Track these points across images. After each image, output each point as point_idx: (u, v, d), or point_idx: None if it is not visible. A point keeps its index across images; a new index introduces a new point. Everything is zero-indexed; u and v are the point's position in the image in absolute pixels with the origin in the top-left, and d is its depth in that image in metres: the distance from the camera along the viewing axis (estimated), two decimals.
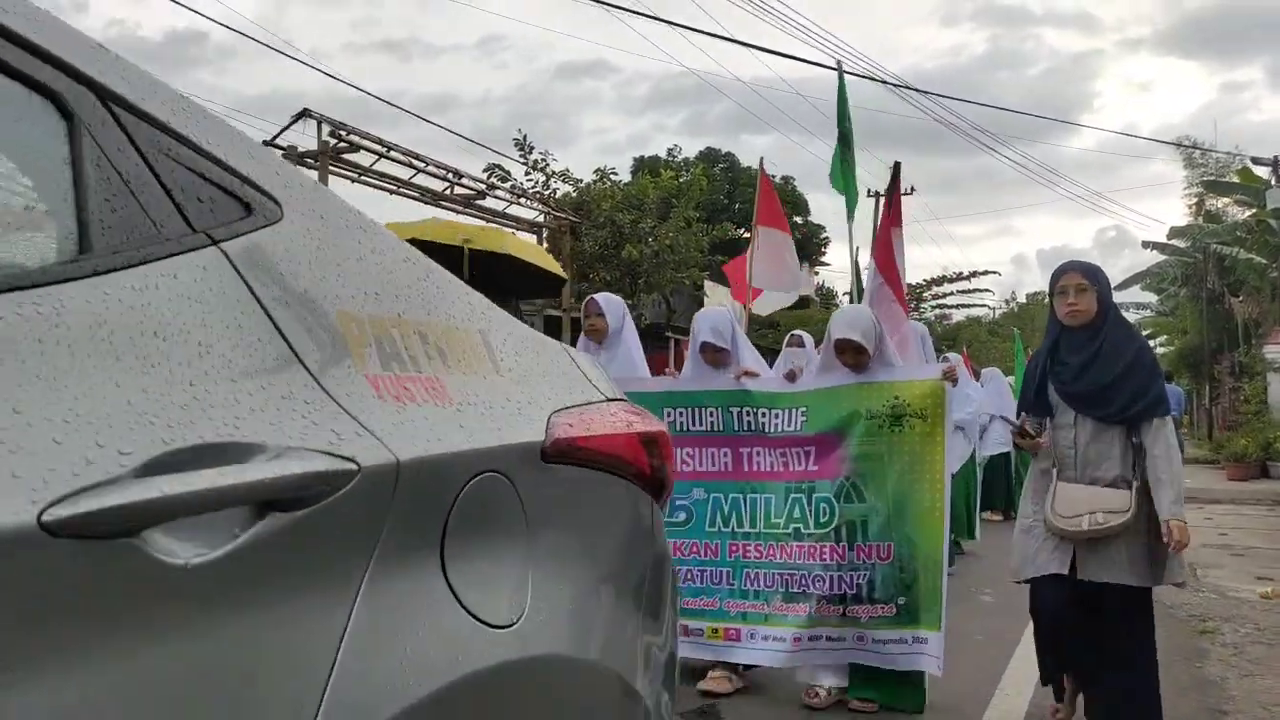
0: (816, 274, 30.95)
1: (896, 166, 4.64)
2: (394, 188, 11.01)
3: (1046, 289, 3.44)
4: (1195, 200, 26.09)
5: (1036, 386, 3.31)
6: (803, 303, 23.92)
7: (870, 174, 28.01)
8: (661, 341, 16.55)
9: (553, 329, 12.36)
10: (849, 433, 3.63)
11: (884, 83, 14.85)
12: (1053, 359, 3.25)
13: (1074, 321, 3.17)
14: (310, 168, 9.77)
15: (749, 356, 4.15)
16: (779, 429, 3.75)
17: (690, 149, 35.53)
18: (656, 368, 4.60)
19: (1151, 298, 30.01)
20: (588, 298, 4.47)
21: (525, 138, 13.55)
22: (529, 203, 13.01)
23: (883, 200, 4.30)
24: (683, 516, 3.86)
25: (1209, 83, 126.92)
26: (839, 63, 4.16)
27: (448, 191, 11.60)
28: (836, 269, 36.66)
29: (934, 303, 25.57)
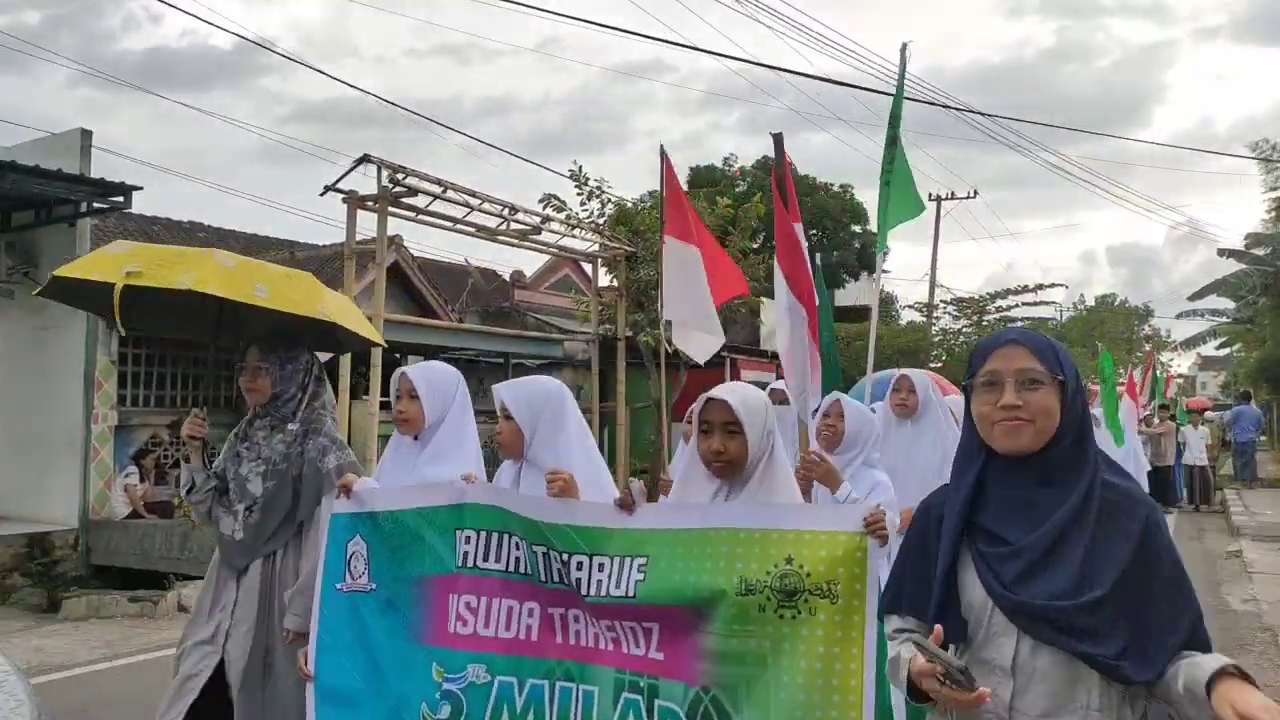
0: (876, 281, 30.40)
1: (778, 138, 3.49)
2: (450, 226, 11.15)
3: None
4: (1275, 205, 25.03)
5: (941, 573, 1.71)
6: (856, 314, 23.40)
7: (927, 176, 27.49)
8: (718, 360, 16.48)
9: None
10: (710, 613, 2.21)
11: (944, 107, 14.51)
12: (971, 521, 1.72)
13: (1012, 444, 1.67)
14: (370, 210, 9.97)
15: (577, 454, 2.66)
16: (602, 591, 2.32)
17: (747, 149, 35.44)
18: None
19: (1228, 304, 29.04)
20: (399, 371, 3.00)
21: (580, 169, 13.59)
22: (584, 234, 13.05)
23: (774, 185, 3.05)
24: (446, 711, 2.48)
25: None
26: (904, 45, 3.59)
27: (503, 227, 11.72)
28: (896, 275, 36.12)
29: (997, 315, 24.97)
